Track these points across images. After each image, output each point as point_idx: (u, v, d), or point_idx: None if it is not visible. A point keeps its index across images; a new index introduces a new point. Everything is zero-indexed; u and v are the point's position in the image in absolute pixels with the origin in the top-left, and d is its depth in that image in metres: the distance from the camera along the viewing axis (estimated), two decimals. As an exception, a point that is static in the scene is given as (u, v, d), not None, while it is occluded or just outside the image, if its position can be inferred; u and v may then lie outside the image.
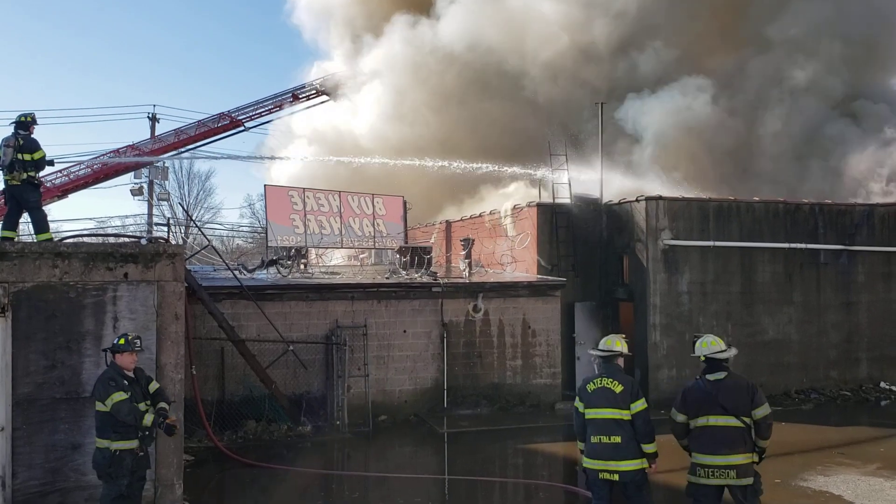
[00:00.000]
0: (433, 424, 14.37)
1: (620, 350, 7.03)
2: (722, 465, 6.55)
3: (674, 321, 16.49)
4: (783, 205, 17.61)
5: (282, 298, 14.49)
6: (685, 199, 16.99)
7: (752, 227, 17.10)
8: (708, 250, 16.71)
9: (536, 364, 15.92)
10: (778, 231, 17.27)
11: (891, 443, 13.00)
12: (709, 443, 6.66)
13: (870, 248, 17.89)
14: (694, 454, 6.80)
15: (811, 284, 17.51)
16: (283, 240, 18.41)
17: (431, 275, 16.83)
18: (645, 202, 16.50)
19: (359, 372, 14.46)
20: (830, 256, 17.64)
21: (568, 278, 16.94)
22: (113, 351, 7.59)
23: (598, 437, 6.70)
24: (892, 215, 18.21)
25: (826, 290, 17.63)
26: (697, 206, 16.84)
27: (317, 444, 13.20)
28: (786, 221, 17.38)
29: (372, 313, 14.87)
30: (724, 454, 6.57)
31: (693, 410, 6.80)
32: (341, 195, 19.74)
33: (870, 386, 17.68)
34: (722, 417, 6.64)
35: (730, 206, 17.11)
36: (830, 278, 17.68)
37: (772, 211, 17.36)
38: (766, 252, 17.14)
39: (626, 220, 17.07)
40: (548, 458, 12.60)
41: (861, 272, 17.91)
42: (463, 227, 22.07)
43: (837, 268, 17.73)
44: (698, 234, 16.67)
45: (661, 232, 16.43)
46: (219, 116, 29.95)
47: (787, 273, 17.33)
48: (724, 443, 6.59)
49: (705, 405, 6.71)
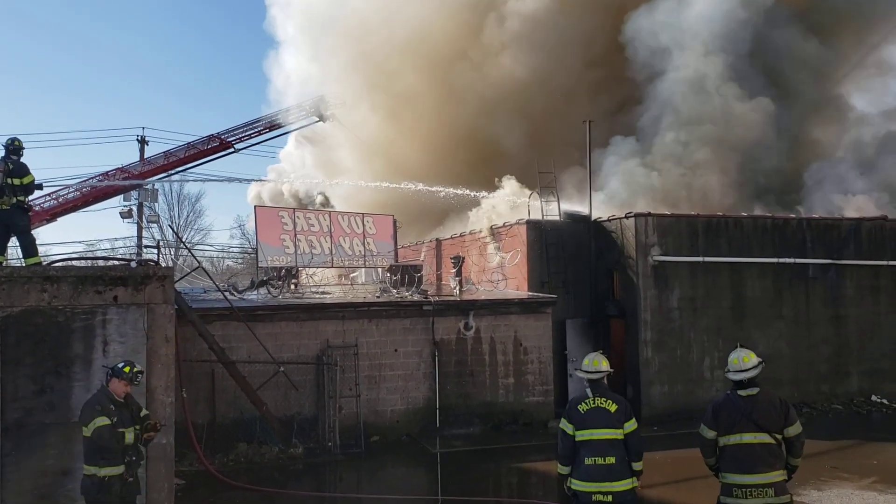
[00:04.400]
0: (425, 444, 14.31)
1: (608, 369, 6.91)
2: (760, 484, 6.25)
3: (665, 337, 16.52)
4: (771, 220, 17.73)
5: (272, 319, 14.44)
6: (674, 216, 17.09)
7: (740, 242, 17.20)
8: (697, 266, 16.79)
9: (528, 382, 15.90)
10: (766, 246, 17.37)
11: (884, 456, 13.03)
12: (745, 461, 6.34)
13: (857, 262, 18.00)
14: (726, 475, 6.45)
15: (800, 299, 17.60)
16: (274, 260, 18.39)
17: (422, 293, 16.83)
18: (634, 219, 16.58)
19: (350, 392, 14.41)
20: (819, 271, 17.75)
21: (559, 295, 16.97)
22: (112, 373, 7.49)
23: (592, 458, 6.46)
24: (878, 229, 18.36)
25: (815, 304, 17.72)
26: (686, 223, 16.93)
27: (309, 466, 13.11)
28: (774, 236, 17.49)
29: (363, 333, 14.84)
30: (763, 472, 6.27)
31: (725, 427, 6.45)
32: (331, 215, 19.80)
33: (861, 399, 17.73)
34: (757, 434, 6.34)
35: (718, 221, 17.22)
36: (819, 292, 17.77)
37: (760, 226, 17.48)
38: (755, 267, 17.23)
39: (616, 237, 17.15)
40: (541, 476, 12.52)
41: (849, 286, 18.02)
42: (453, 245, 22.13)
43: (826, 282, 17.82)
44: (687, 250, 16.76)
45: (651, 248, 16.50)
46: (208, 138, 29.95)
47: (776, 288, 17.42)
48: (762, 460, 6.30)
49: (739, 422, 6.39)
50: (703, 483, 6.75)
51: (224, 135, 30.22)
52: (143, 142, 34.43)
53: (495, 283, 19.20)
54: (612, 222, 17.41)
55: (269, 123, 31.01)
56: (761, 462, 6.30)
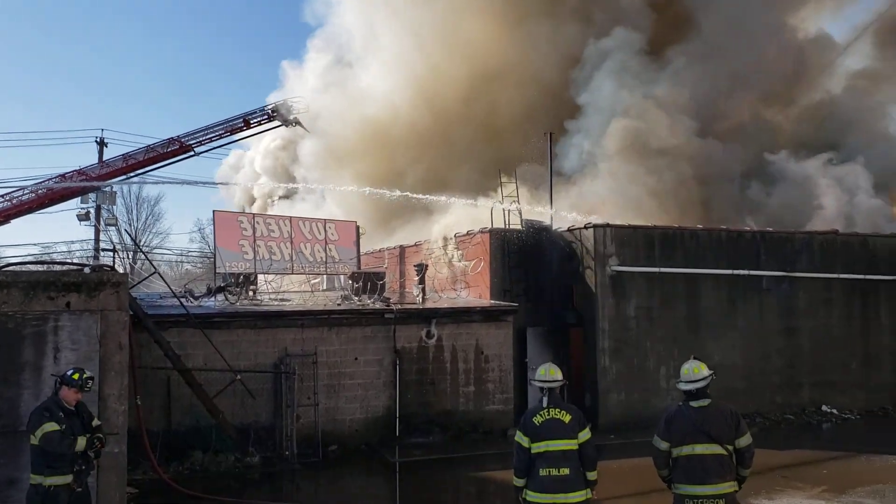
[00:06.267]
0: (385, 454, 14.26)
1: (562, 379, 6.93)
2: (711, 495, 6.33)
3: (622, 346, 16.72)
4: (726, 232, 18.06)
5: (229, 326, 14.28)
6: (631, 227, 17.31)
7: (696, 253, 17.49)
8: (654, 276, 17.03)
9: (489, 390, 15.95)
10: (721, 258, 17.68)
11: (833, 465, 13.34)
12: (697, 472, 6.42)
13: (810, 275, 18.40)
14: (679, 485, 6.53)
15: (754, 310, 17.95)
16: (232, 266, 18.18)
17: (384, 301, 16.78)
18: (593, 229, 16.77)
19: (308, 401, 14.30)
20: (773, 283, 18.11)
21: (520, 303, 17.08)
22: (62, 382, 7.35)
23: (547, 469, 6.48)
24: (829, 243, 18.81)
25: (769, 315, 18.08)
26: (643, 234, 17.17)
27: (265, 475, 12.97)
28: (729, 248, 17.81)
29: (322, 341, 14.74)
30: (714, 483, 6.36)
31: (677, 439, 6.53)
32: (292, 220, 19.62)
33: (812, 410, 18.11)
34: (708, 445, 6.42)
35: (674, 233, 17.49)
36: (773, 304, 18.14)
37: (715, 238, 17.79)
38: (710, 278, 17.53)
39: (576, 247, 17.32)
40: (500, 485, 12.51)
41: (802, 298, 18.42)
42: (417, 253, 22.12)
43: (779, 294, 18.20)
44: (645, 261, 16.99)
45: (609, 258, 16.69)
46: (168, 141, 29.55)
47: (730, 299, 17.74)
48: (713, 471, 6.38)
49: (691, 433, 6.47)
50: (658, 494, 6.82)
51: (184, 138, 29.83)
52: (103, 144, 33.89)
53: (458, 291, 19.25)
54: (571, 232, 17.58)
55: (231, 127, 30.70)
56: (713, 473, 6.39)
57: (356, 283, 17.87)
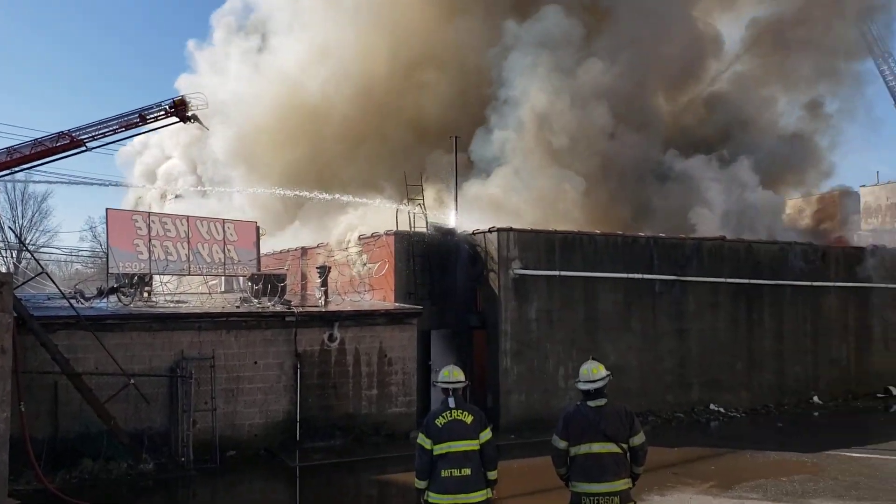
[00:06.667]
0: (284, 458, 14.03)
1: (466, 381, 7.00)
2: (606, 493, 6.48)
3: (524, 348, 17.05)
4: (622, 237, 18.72)
5: (123, 329, 13.72)
6: (533, 231, 17.70)
7: (594, 257, 18.04)
8: (554, 279, 17.47)
9: (392, 393, 15.94)
10: (618, 262, 18.31)
11: (720, 461, 14.03)
12: (593, 470, 6.55)
13: (699, 279, 19.31)
14: (576, 483, 6.65)
15: (648, 313, 18.67)
16: (126, 266, 17.52)
17: (285, 303, 16.52)
18: (497, 233, 17.04)
19: (206, 406, 13.90)
20: (665, 286, 18.89)
21: (424, 306, 17.17)
22: None
23: (448, 470, 6.53)
24: (717, 248, 19.79)
25: (661, 318, 18.84)
26: (545, 238, 17.58)
27: (160, 483, 12.53)
28: (624, 253, 18.47)
29: (221, 344, 14.37)
30: (610, 481, 6.51)
31: (575, 437, 6.64)
32: (189, 220, 19.08)
33: (701, 408, 18.99)
34: (605, 444, 6.56)
35: (574, 238, 17.99)
36: (665, 307, 18.92)
37: (612, 243, 18.42)
38: (607, 281, 18.12)
39: (480, 250, 17.56)
40: (402, 488, 12.52)
41: (692, 301, 19.30)
42: (320, 254, 21.87)
43: (671, 297, 19.00)
44: (546, 264, 17.40)
45: (512, 262, 17.01)
46: (57, 135, 27.96)
47: (626, 301, 18.39)
48: (608, 470, 6.53)
49: (588, 432, 6.60)
50: (557, 492, 6.99)
51: (75, 132, 28.34)
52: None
53: (362, 294, 19.15)
54: (476, 236, 17.81)
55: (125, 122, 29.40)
56: (608, 471, 6.56)
57: (256, 285, 17.53)
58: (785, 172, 27.69)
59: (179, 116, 29.95)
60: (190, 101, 30.26)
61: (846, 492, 11.36)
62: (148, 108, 30.22)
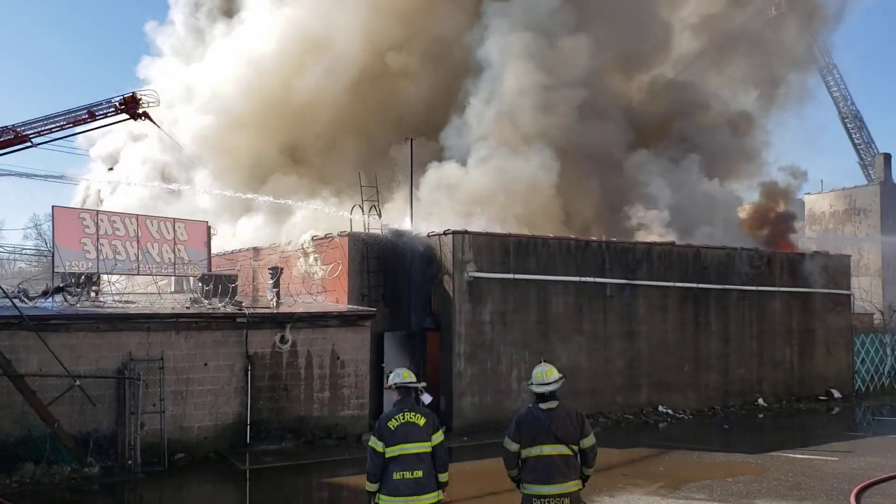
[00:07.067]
0: (234, 461, 13.86)
1: (417, 382, 7.01)
2: (557, 494, 6.51)
3: (477, 350, 17.14)
4: (575, 241, 18.97)
5: (69, 329, 13.40)
6: (488, 234, 17.82)
7: (547, 261, 18.24)
8: (508, 282, 17.60)
9: (344, 395, 15.87)
10: (570, 265, 18.54)
11: (668, 462, 14.29)
12: (543, 472, 6.58)
13: (648, 283, 19.69)
14: (527, 485, 6.67)
15: (599, 315, 18.93)
16: (73, 265, 17.09)
17: (236, 304, 16.30)
18: (452, 236, 17.11)
19: (154, 408, 13.65)
20: (616, 290, 19.19)
21: (378, 308, 17.13)
22: None
23: (400, 473, 6.53)
24: (667, 253, 20.18)
25: (612, 320, 19.13)
26: (499, 241, 17.71)
27: (105, 487, 12.29)
28: (577, 256, 18.71)
29: (170, 345, 14.13)
30: (560, 482, 6.54)
31: (527, 440, 6.66)
32: (139, 218, 18.72)
33: (649, 410, 19.34)
34: (556, 446, 6.60)
35: (528, 241, 18.16)
36: (616, 310, 19.22)
37: (565, 247, 18.64)
38: (560, 285, 18.34)
39: (435, 253, 17.59)
40: (353, 491, 12.45)
41: (642, 304, 19.64)
42: (272, 256, 21.64)
43: (622, 300, 19.31)
44: (500, 267, 17.53)
45: (467, 265, 17.09)
46: (2, 130, 27.22)
47: (578, 304, 18.62)
48: (559, 471, 6.57)
49: (540, 434, 6.63)
50: (509, 494, 7.05)
51: (20, 127, 27.51)
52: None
53: (315, 296, 19.01)
54: (431, 238, 17.85)
55: (73, 118, 28.67)
56: (559, 473, 6.61)
57: (206, 286, 17.25)
58: (729, 173, 28.29)
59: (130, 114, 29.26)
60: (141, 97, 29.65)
61: (789, 492, 11.67)
62: (97, 104, 29.45)
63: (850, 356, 23.83)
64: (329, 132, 26.45)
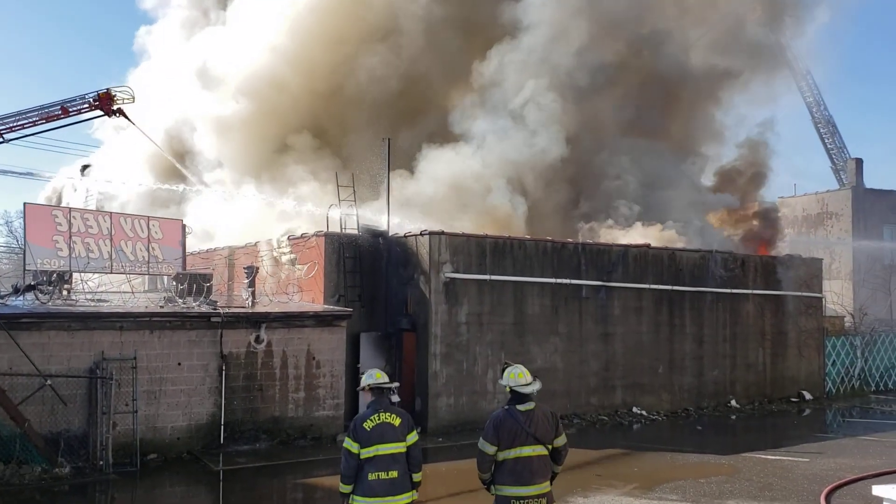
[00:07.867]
0: (208, 462, 13.75)
1: (392, 383, 7.00)
2: (535, 495, 6.53)
3: (453, 350, 17.16)
4: (551, 243, 19.04)
5: (40, 328, 13.21)
6: (465, 235, 17.86)
7: (523, 262, 18.30)
8: (485, 283, 17.64)
9: (320, 396, 15.80)
10: (546, 267, 18.62)
11: (641, 463, 14.42)
12: (523, 474, 6.57)
13: (624, 285, 19.82)
14: (502, 487, 6.63)
15: (574, 317, 19.03)
16: (45, 263, 16.87)
17: (211, 304, 16.16)
18: (428, 236, 17.11)
19: (126, 408, 13.49)
20: (591, 291, 19.30)
21: (354, 309, 17.09)
22: None
23: (375, 473, 6.52)
24: (642, 256, 20.34)
25: (587, 322, 19.24)
26: (476, 242, 17.74)
27: (76, 487, 12.13)
28: (553, 258, 18.79)
29: (143, 344, 13.98)
30: (538, 483, 6.57)
31: (507, 441, 6.63)
32: (112, 216, 18.53)
33: (624, 411, 19.47)
34: (535, 447, 6.61)
35: (504, 242, 18.21)
36: (591, 311, 19.33)
37: (541, 248, 18.71)
38: (536, 286, 18.41)
39: (411, 253, 17.59)
40: (328, 491, 12.39)
41: (617, 306, 19.77)
42: (248, 255, 21.50)
43: (597, 302, 19.42)
44: (476, 268, 17.56)
45: (443, 265, 17.10)
46: (-28, 126, 26.77)
47: (553, 306, 18.70)
48: (538, 472, 6.60)
49: (520, 436, 6.61)
50: (484, 494, 7.05)
51: (-9, 123, 27.16)
52: None
53: (290, 296, 18.92)
54: (407, 239, 17.84)
55: (46, 114, 28.28)
56: (538, 474, 6.63)
57: (181, 285, 17.09)
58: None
59: (104, 110, 28.98)
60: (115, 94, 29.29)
61: (760, 493, 11.82)
62: (70, 100, 29.16)
63: (821, 358, 24.15)
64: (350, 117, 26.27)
